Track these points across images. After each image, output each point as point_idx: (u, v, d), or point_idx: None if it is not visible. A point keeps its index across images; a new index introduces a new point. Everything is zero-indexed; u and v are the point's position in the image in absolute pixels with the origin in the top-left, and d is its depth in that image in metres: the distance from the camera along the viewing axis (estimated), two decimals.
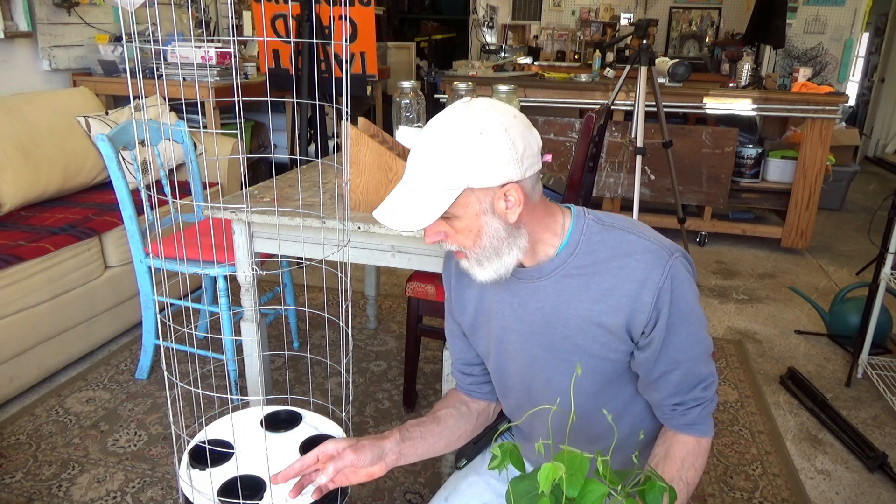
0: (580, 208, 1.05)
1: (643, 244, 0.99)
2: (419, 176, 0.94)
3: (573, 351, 1.03)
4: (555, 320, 1.03)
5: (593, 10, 6.34)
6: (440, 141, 0.93)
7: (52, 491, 1.78)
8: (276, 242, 1.66)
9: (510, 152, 0.91)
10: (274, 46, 3.31)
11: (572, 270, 1.01)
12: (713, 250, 3.92)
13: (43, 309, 2.21)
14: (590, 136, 1.94)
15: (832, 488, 1.91)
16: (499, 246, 0.97)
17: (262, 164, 4.35)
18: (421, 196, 0.94)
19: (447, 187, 0.92)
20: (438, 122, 0.95)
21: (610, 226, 1.02)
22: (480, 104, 0.94)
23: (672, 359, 1.00)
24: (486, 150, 0.91)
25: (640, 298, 0.97)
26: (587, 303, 1.00)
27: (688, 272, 1.01)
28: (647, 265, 0.97)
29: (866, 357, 2.45)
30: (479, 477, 1.26)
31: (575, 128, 3.87)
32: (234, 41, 3.56)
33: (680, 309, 0.98)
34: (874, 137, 6.95)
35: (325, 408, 1.53)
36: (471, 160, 0.91)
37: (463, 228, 0.96)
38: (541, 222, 1.00)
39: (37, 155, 2.62)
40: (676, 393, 1.02)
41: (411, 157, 0.96)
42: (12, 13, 2.96)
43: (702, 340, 1.02)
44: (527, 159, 0.94)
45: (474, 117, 0.92)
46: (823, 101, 3.54)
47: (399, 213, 0.95)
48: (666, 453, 1.04)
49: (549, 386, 1.09)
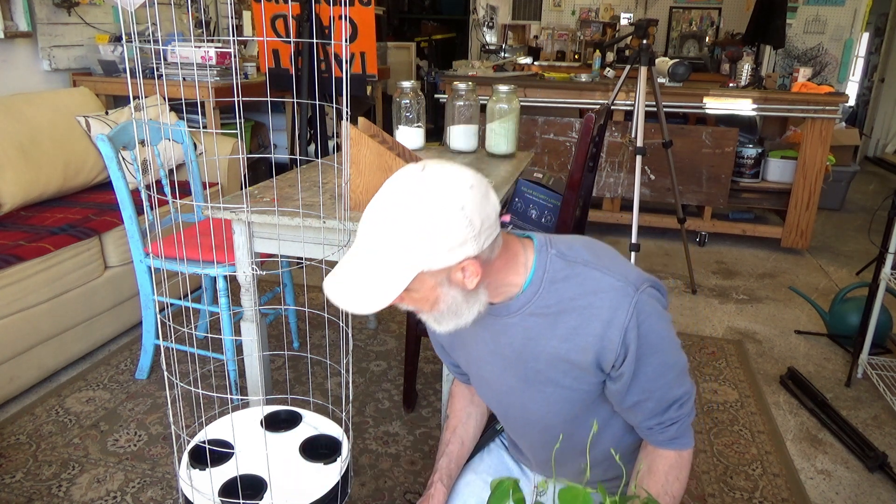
0: (542, 240, 1.02)
1: (607, 281, 0.96)
2: (370, 254, 0.90)
3: (546, 383, 1.04)
4: (525, 356, 1.03)
5: (593, 10, 6.34)
6: (392, 222, 0.87)
7: (52, 491, 1.78)
8: (276, 242, 1.66)
9: (466, 231, 0.87)
10: (274, 46, 3.31)
11: (538, 310, 0.99)
12: (713, 250, 3.92)
13: (43, 309, 2.21)
14: (590, 136, 1.94)
15: (832, 488, 1.91)
16: (457, 310, 0.95)
17: (262, 164, 4.35)
18: (373, 276, 0.89)
19: (400, 272, 0.88)
20: (391, 197, 0.89)
21: (573, 260, 0.99)
22: (435, 176, 0.88)
23: (643, 388, 0.99)
24: (441, 233, 0.86)
25: (607, 337, 0.95)
26: (555, 341, 0.99)
27: (656, 302, 0.98)
28: (612, 304, 0.95)
29: (866, 357, 2.45)
30: (476, 476, 1.28)
31: (575, 128, 3.87)
32: (234, 41, 3.56)
33: (648, 342, 0.96)
34: (874, 137, 6.95)
35: (325, 408, 1.53)
36: (424, 244, 0.86)
37: (419, 299, 0.94)
38: (502, 271, 0.97)
39: (37, 155, 2.62)
40: (652, 417, 1.02)
41: (363, 229, 0.91)
42: (12, 13, 2.96)
43: (674, 365, 1.01)
44: (485, 231, 0.89)
45: (427, 197, 0.86)
46: (823, 101, 3.54)
47: (350, 293, 0.91)
48: (649, 469, 1.05)
49: (525, 412, 1.11)
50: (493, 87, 2.36)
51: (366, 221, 0.91)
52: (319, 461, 1.23)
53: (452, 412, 1.30)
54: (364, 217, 0.92)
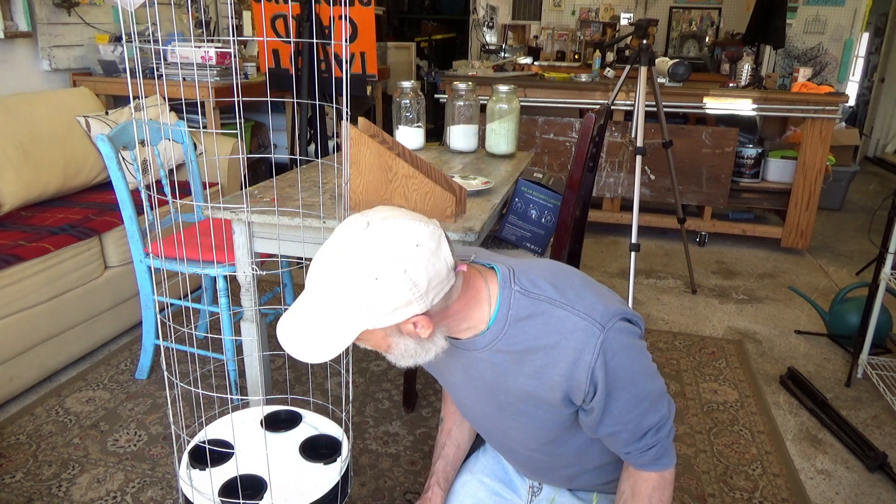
0: (505, 273, 0.98)
1: (572, 321, 0.94)
2: (317, 308, 0.89)
3: (519, 414, 1.05)
4: (496, 389, 1.03)
5: (593, 10, 6.34)
6: (334, 281, 0.86)
7: (52, 491, 1.78)
8: (276, 242, 1.66)
9: (410, 293, 0.85)
10: (274, 46, 3.31)
11: (503, 347, 0.98)
12: (713, 250, 3.92)
13: (43, 309, 2.21)
14: (590, 136, 1.94)
15: (832, 488, 1.91)
16: (413, 353, 0.94)
17: (262, 164, 4.35)
18: (319, 330, 0.89)
19: (344, 329, 0.88)
20: (334, 256, 0.87)
21: (537, 297, 0.96)
22: (378, 235, 0.85)
23: (616, 420, 0.99)
24: (382, 296, 0.84)
25: (574, 377, 0.95)
26: (522, 378, 0.99)
27: (626, 335, 0.96)
28: (578, 344, 0.93)
29: (866, 357, 2.45)
30: (472, 476, 1.29)
31: (575, 128, 3.87)
32: (234, 41, 3.56)
33: (617, 378, 0.95)
34: (874, 137, 6.95)
35: (325, 408, 1.53)
36: (365, 307, 0.85)
37: (372, 345, 0.94)
38: (463, 311, 0.95)
39: (37, 155, 2.62)
40: (628, 444, 1.02)
41: (310, 280, 0.90)
42: (12, 13, 2.96)
43: (646, 396, 0.99)
44: (433, 290, 0.87)
45: (368, 259, 0.84)
46: (823, 101, 3.54)
47: (300, 343, 0.91)
48: (633, 492, 1.05)
49: (505, 437, 1.14)
50: (493, 87, 2.37)
51: (311, 274, 0.90)
52: (319, 461, 1.23)
53: (447, 414, 1.31)
54: (310, 269, 0.90)
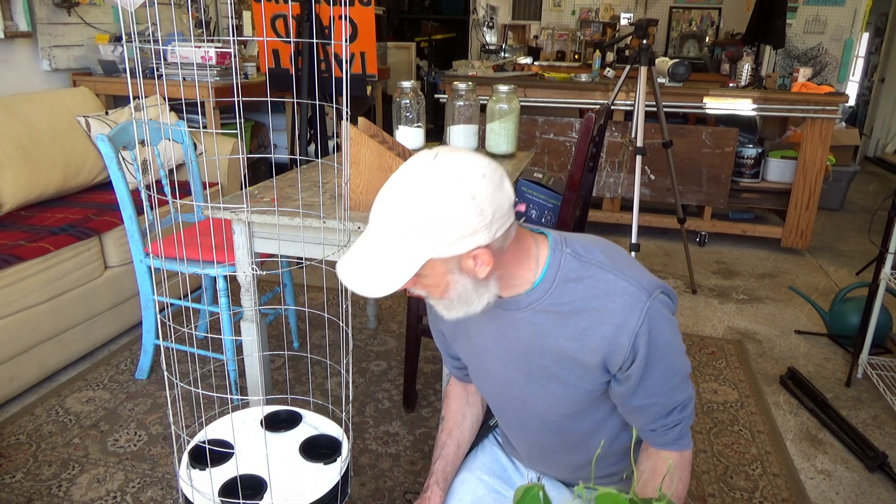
0: (557, 237, 1.01)
1: (621, 285, 0.96)
2: (382, 239, 0.90)
3: (550, 378, 1.04)
4: (532, 351, 1.03)
5: (593, 10, 6.34)
6: (402, 209, 0.88)
7: (52, 491, 1.78)
8: (276, 242, 1.66)
9: (477, 220, 0.87)
10: (274, 46, 3.31)
11: (548, 307, 0.99)
12: (713, 250, 3.92)
13: (43, 309, 2.21)
14: (590, 136, 1.94)
15: (832, 488, 1.91)
16: (467, 298, 0.95)
17: (262, 164, 4.36)
18: (384, 262, 0.90)
19: (409, 258, 0.89)
20: (402, 184, 0.89)
21: (588, 261, 0.99)
22: (446, 164, 0.88)
23: (649, 392, 1.00)
24: (450, 223, 0.86)
25: (617, 340, 0.96)
26: (563, 340, 0.99)
27: (666, 308, 0.99)
28: (625, 308, 0.95)
29: (866, 357, 2.45)
30: (470, 474, 1.28)
31: (575, 128, 3.87)
32: (234, 41, 3.56)
33: (657, 347, 0.97)
34: (874, 137, 6.95)
35: (325, 408, 1.53)
36: (433, 233, 0.87)
37: (430, 285, 0.94)
38: (513, 264, 0.97)
39: (37, 155, 2.62)
40: (656, 420, 1.03)
41: (375, 213, 0.92)
42: (12, 13, 2.96)
43: (679, 371, 1.01)
44: (496, 222, 0.89)
45: (437, 186, 0.87)
46: (823, 101, 3.54)
47: (362, 276, 0.92)
48: (653, 470, 1.06)
49: (524, 407, 1.12)
50: (493, 87, 2.36)
51: (378, 206, 0.91)
52: (319, 461, 1.23)
53: (448, 413, 1.30)
54: (376, 201, 0.92)
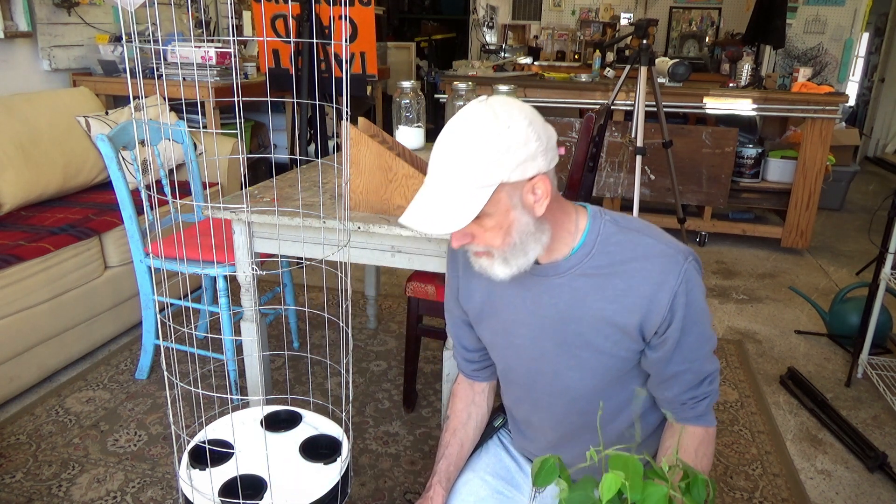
0: (596, 208, 1.07)
1: (659, 248, 1.01)
2: (449, 176, 0.94)
3: (584, 347, 1.06)
4: (568, 317, 1.05)
5: (593, 10, 6.34)
6: (469, 139, 0.93)
7: (52, 491, 1.78)
8: (276, 242, 1.66)
9: (537, 144, 0.94)
10: (274, 46, 3.31)
11: (588, 270, 1.02)
12: (713, 250, 3.92)
13: (43, 309, 2.21)
14: (590, 136, 1.94)
15: (832, 488, 1.91)
16: (526, 241, 0.98)
17: (262, 164, 4.36)
18: (453, 197, 0.93)
19: (482, 184, 0.92)
20: (461, 121, 0.94)
21: (626, 228, 1.04)
22: (499, 101, 0.96)
23: (685, 357, 1.03)
24: (516, 144, 0.92)
25: (657, 300, 0.99)
26: (602, 302, 1.02)
27: (699, 274, 1.04)
28: (664, 268, 0.99)
29: (866, 357, 2.45)
30: (474, 474, 1.28)
31: (575, 128, 3.87)
32: (234, 41, 3.56)
33: (693, 310, 1.01)
34: (874, 137, 6.95)
35: (325, 408, 1.53)
36: (503, 155, 0.92)
37: (493, 227, 0.97)
38: (559, 219, 1.02)
39: (37, 155, 2.62)
40: (689, 389, 1.06)
41: (435, 160, 0.96)
42: (12, 13, 2.96)
43: (709, 338, 1.06)
44: (550, 150, 0.96)
45: (498, 113, 0.93)
46: (823, 101, 3.54)
47: (432, 216, 0.95)
48: (679, 446, 1.08)
49: (554, 380, 1.12)
50: (493, 87, 2.36)
51: (441, 148, 0.96)
52: (319, 461, 1.23)
53: (453, 412, 1.30)
54: (436, 147, 0.97)
